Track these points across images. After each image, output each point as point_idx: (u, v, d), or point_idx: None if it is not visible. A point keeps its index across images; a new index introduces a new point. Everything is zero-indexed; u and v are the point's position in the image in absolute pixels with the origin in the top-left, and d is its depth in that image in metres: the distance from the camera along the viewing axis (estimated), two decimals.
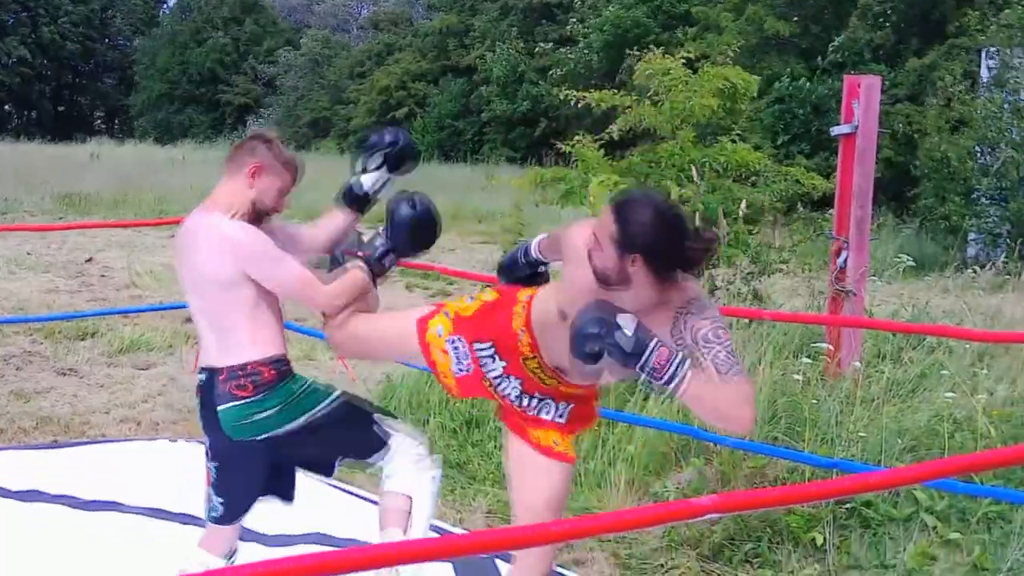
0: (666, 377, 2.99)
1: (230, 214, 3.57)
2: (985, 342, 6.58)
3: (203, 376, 3.64)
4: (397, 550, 1.75)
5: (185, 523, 5.39)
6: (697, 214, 7.88)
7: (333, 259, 3.87)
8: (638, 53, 10.08)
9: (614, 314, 3.02)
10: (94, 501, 5.65)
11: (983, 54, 19.03)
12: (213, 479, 3.75)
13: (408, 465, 3.67)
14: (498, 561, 4.90)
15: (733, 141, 9.23)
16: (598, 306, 3.06)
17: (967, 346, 6.88)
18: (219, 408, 3.55)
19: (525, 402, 3.54)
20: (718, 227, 7.86)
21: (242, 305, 3.51)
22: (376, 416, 3.73)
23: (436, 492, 3.73)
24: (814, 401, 5.95)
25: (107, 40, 62.27)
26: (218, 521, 3.82)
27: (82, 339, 9.58)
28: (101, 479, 5.97)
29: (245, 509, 3.81)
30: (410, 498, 3.66)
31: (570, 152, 9.47)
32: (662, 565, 5.03)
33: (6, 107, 58.90)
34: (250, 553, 4.90)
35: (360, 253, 3.70)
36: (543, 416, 3.54)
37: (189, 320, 10.20)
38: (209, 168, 24.28)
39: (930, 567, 4.83)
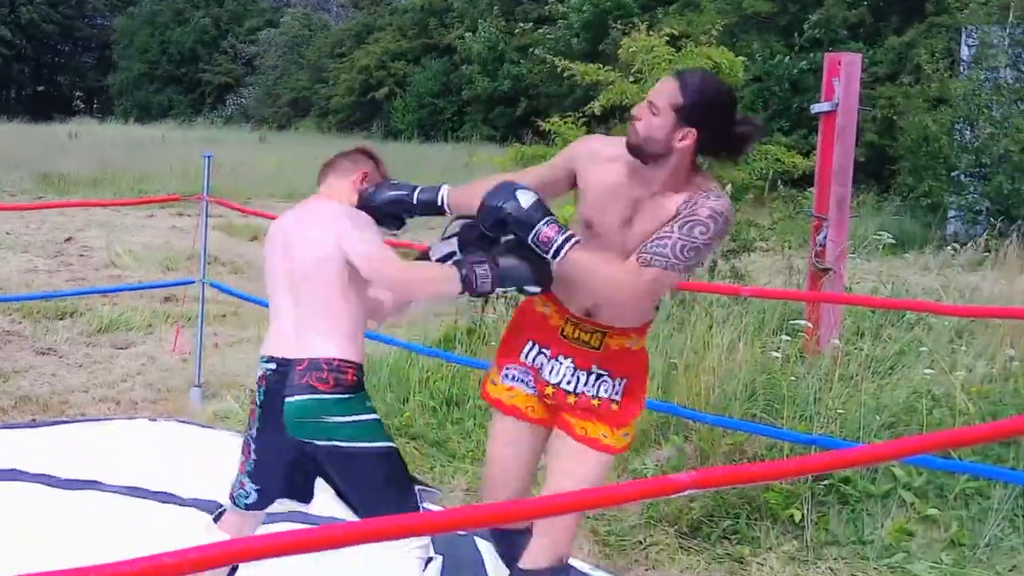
0: (551, 250, 3.16)
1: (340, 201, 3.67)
2: (964, 318, 6.60)
3: (272, 365, 3.54)
4: (376, 526, 1.74)
5: (164, 502, 5.41)
6: None
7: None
8: (621, 27, 10.07)
9: (515, 189, 3.20)
10: (73, 480, 5.62)
11: (963, 32, 19.07)
12: (250, 469, 3.67)
13: (412, 566, 3.56)
14: (477, 539, 4.91)
15: None
16: (504, 183, 3.25)
17: (946, 323, 6.91)
18: (289, 399, 3.46)
19: (582, 381, 3.44)
20: None
21: (347, 295, 3.47)
22: (415, 487, 3.62)
23: None
24: (793, 378, 5.96)
25: (86, 19, 61.92)
26: (248, 508, 3.75)
27: (61, 319, 9.54)
28: (80, 458, 5.95)
29: (274, 499, 3.74)
30: None
31: (551, 131, 9.46)
32: (640, 542, 5.05)
33: None
34: None
35: (459, 255, 3.48)
36: (602, 394, 3.43)
37: (167, 299, 10.29)
38: (189, 147, 24.31)
39: (908, 543, 4.86)
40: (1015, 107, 17.31)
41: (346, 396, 3.44)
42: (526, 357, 3.55)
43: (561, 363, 3.46)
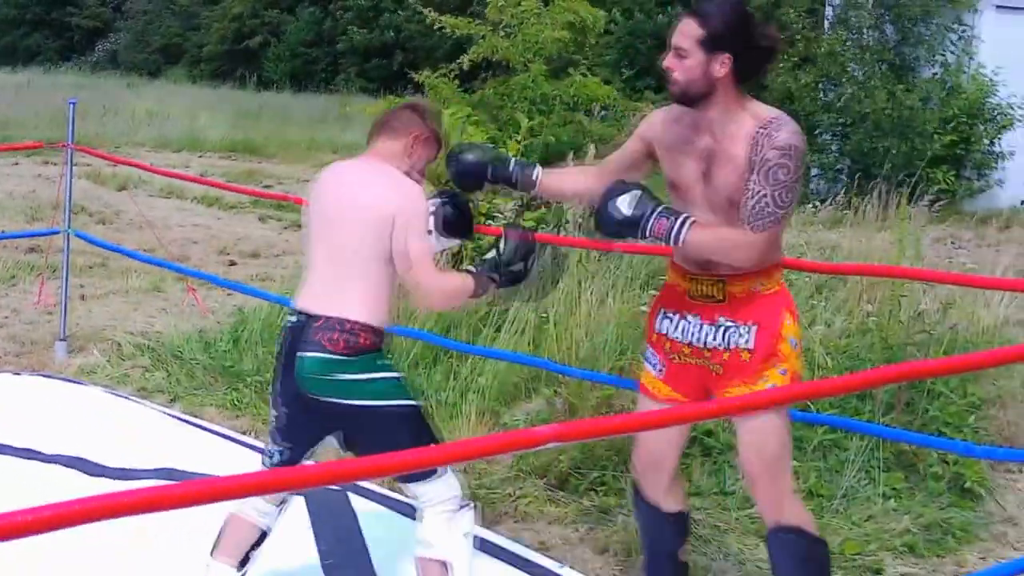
0: (671, 239, 3.23)
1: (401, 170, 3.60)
2: (823, 274, 6.77)
3: (295, 319, 3.55)
4: (241, 482, 1.73)
5: (27, 458, 5.30)
6: (547, 147, 7.94)
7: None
8: None
9: (615, 194, 3.25)
10: None
11: None
12: (280, 424, 3.63)
13: (441, 527, 3.54)
14: (350, 494, 4.93)
15: (583, 75, 9.30)
16: (608, 190, 3.30)
17: (807, 279, 7.08)
18: (301, 354, 3.45)
19: (712, 337, 3.44)
20: (566, 162, 7.92)
21: (380, 259, 3.45)
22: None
23: (470, 550, 3.60)
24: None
25: None
26: (274, 467, 3.68)
27: None
28: None
29: (301, 457, 3.68)
30: (446, 564, 3.53)
31: (423, 83, 9.43)
32: (510, 494, 5.11)
33: None
34: (96, 489, 4.85)
35: (475, 268, 3.61)
36: (731, 345, 3.40)
37: (32, 250, 10.03)
38: (56, 94, 23.55)
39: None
40: (877, 67, 17.70)
41: (362, 357, 3.44)
42: (659, 325, 3.58)
43: (690, 321, 3.47)
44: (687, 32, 3.24)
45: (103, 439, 5.58)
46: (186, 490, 1.68)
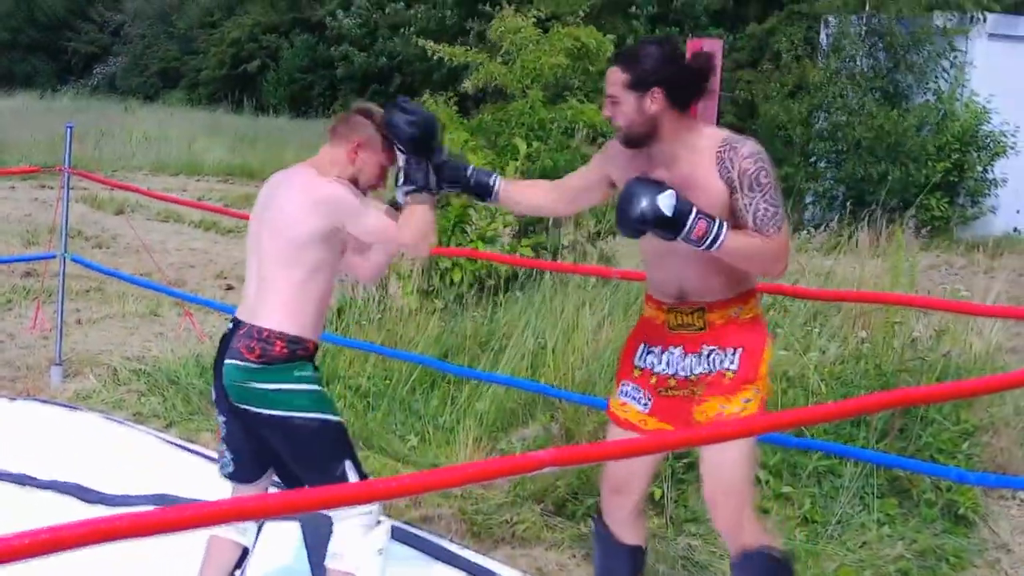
0: (705, 244, 3.22)
1: (328, 178, 3.57)
2: (817, 301, 6.79)
3: (231, 326, 3.60)
4: (237, 506, 1.75)
5: (22, 484, 5.30)
6: (545, 173, 7.97)
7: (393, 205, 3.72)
8: (490, 11, 10.14)
9: (653, 192, 3.21)
10: None
11: (823, 21, 19.51)
12: (223, 432, 3.67)
13: (354, 539, 3.53)
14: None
15: (580, 101, 9.35)
16: (641, 182, 3.27)
17: (802, 305, 7.10)
18: (225, 361, 3.49)
19: (698, 364, 3.46)
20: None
21: (300, 268, 3.47)
22: (349, 461, 3.56)
23: (383, 567, 3.58)
24: None
25: None
26: (230, 478, 3.71)
27: None
28: None
29: (257, 470, 3.69)
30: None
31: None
32: (507, 520, 5.11)
33: None
34: (91, 515, 4.85)
35: (411, 187, 3.57)
36: (716, 367, 3.43)
37: (28, 275, 10.05)
38: (53, 118, 23.58)
39: (763, 520, 5.00)
40: (869, 95, 17.79)
41: (272, 368, 3.44)
42: (639, 360, 3.58)
43: (673, 353, 3.49)
44: (614, 80, 3.34)
45: (99, 465, 5.58)
46: (180, 514, 1.70)
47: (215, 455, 5.85)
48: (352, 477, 3.52)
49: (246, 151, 23.72)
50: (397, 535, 4.77)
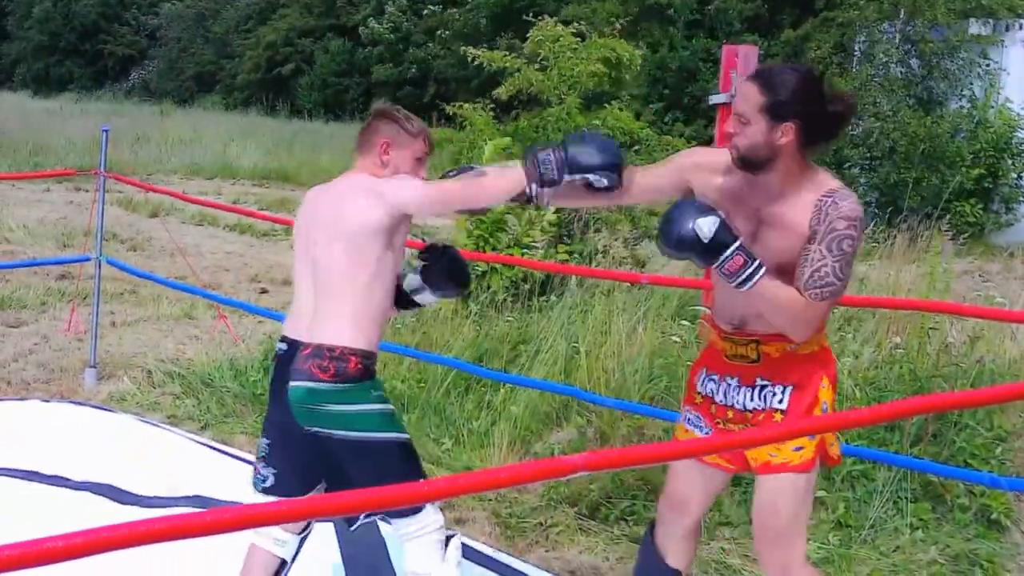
0: (738, 281, 3.09)
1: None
2: (853, 307, 6.77)
3: (284, 346, 3.52)
4: (273, 509, 1.76)
5: (58, 486, 5.32)
6: None
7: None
8: (530, 20, 10.18)
9: (695, 214, 3.09)
10: None
11: (858, 28, 19.47)
12: (265, 453, 3.61)
13: (433, 556, 3.49)
14: (380, 522, 4.93)
15: (620, 109, 9.38)
16: (688, 203, 3.17)
17: (836, 310, 7.08)
18: (291, 384, 3.41)
19: (750, 398, 3.33)
20: None
21: (365, 276, 3.42)
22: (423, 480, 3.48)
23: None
24: (690, 363, 6.07)
25: None
26: (267, 492, 3.61)
27: None
28: None
29: (301, 489, 3.60)
30: None
31: (455, 114, 9.51)
32: (541, 523, 5.12)
33: None
34: (126, 517, 4.88)
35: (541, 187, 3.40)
36: (774, 405, 3.28)
37: (63, 277, 10.12)
38: (88, 120, 23.79)
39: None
40: (904, 101, 17.74)
41: (346, 385, 3.38)
42: (701, 387, 3.46)
43: (729, 384, 3.36)
44: (749, 98, 3.13)
45: (132, 467, 5.60)
46: (215, 518, 1.71)
47: (251, 458, 5.91)
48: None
49: (281, 154, 23.82)
50: None
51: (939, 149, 16.85)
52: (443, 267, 3.68)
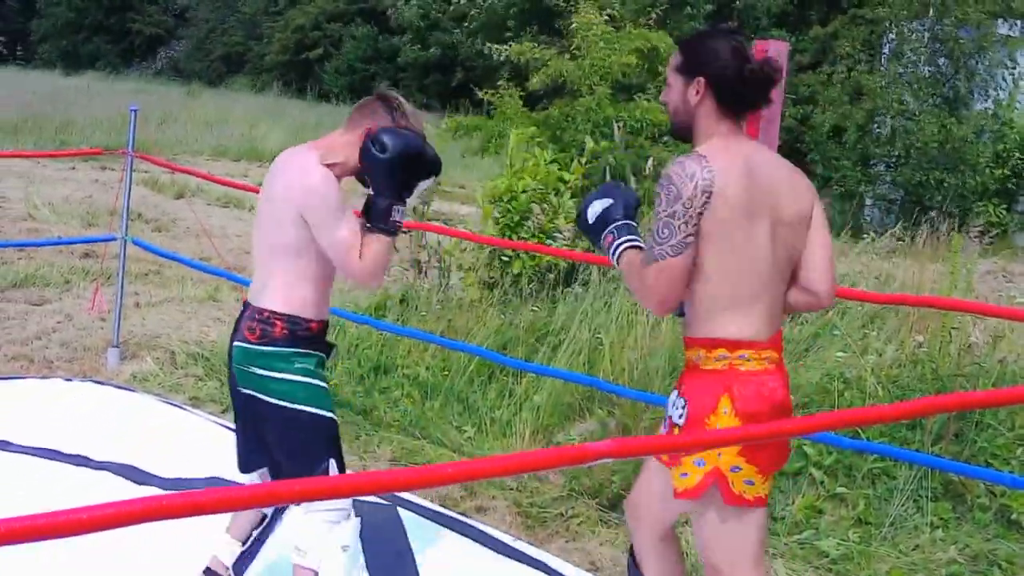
0: (611, 257, 3.14)
1: (326, 161, 3.47)
2: (877, 304, 6.75)
3: (242, 307, 3.61)
4: (288, 488, 1.76)
5: (78, 465, 5.34)
6: (608, 170, 7.98)
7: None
8: (563, 5, 10.17)
9: (598, 196, 3.19)
10: None
11: (886, 26, 19.40)
12: (235, 423, 3.73)
13: (319, 534, 3.50)
14: (400, 509, 4.95)
15: (648, 100, 9.36)
16: (608, 184, 3.25)
17: (860, 308, 7.06)
18: (232, 343, 3.52)
19: (672, 405, 3.12)
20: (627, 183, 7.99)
21: (295, 249, 3.43)
22: (334, 460, 3.53)
23: (347, 564, 3.54)
24: None
25: None
26: (241, 471, 3.76)
27: None
28: None
29: (255, 459, 3.69)
30: (317, 574, 3.54)
31: (485, 101, 9.52)
32: (562, 514, 5.13)
33: None
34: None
35: (369, 224, 3.42)
36: (674, 418, 3.06)
37: (87, 255, 10.16)
38: (115, 99, 23.84)
39: (817, 520, 4.99)
40: (930, 100, 17.68)
41: (271, 349, 3.43)
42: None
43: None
44: (671, 62, 3.17)
45: (154, 447, 5.61)
46: (234, 495, 1.72)
47: None
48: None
49: (307, 137, 23.47)
50: (453, 525, 4.81)
51: (963, 150, 16.81)
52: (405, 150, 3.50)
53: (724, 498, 2.98)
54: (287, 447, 3.51)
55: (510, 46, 9.90)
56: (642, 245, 3.10)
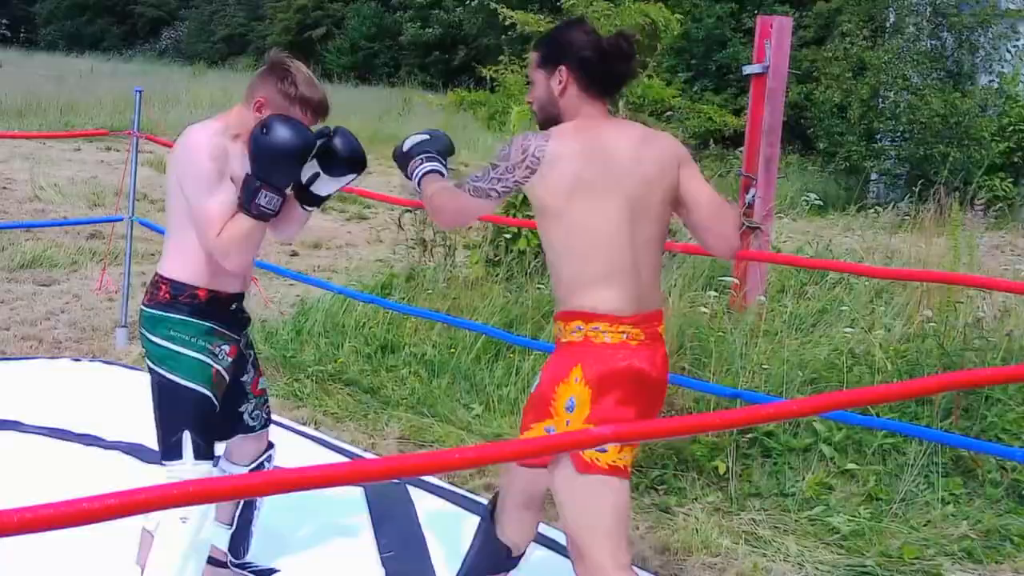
0: (412, 179, 3.38)
1: (229, 132, 3.45)
2: (883, 279, 6.74)
3: None
4: (303, 474, 1.75)
5: (87, 444, 5.36)
6: None
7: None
8: None
9: (423, 132, 3.44)
10: None
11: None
12: None
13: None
14: (409, 487, 4.96)
15: (649, 77, 9.33)
16: (424, 130, 3.48)
17: (867, 283, 7.05)
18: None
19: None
20: None
21: (182, 216, 3.42)
22: (189, 432, 3.47)
23: (189, 535, 3.43)
24: (720, 333, 6.06)
25: None
26: None
27: None
28: (1, 398, 5.88)
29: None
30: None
31: (487, 78, 9.50)
32: None
33: None
34: (156, 477, 4.89)
35: (238, 199, 3.39)
36: (532, 387, 3.18)
37: (93, 236, 10.16)
38: (119, 80, 23.80)
39: (827, 496, 4.99)
40: (934, 74, 17.63)
41: (154, 312, 3.46)
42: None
43: None
44: (531, 62, 3.25)
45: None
46: (265, 479, 1.72)
47: (280, 420, 5.94)
48: (186, 450, 3.47)
49: None
50: (461, 502, 4.81)
51: (967, 123, 16.77)
52: (335, 148, 3.54)
53: (575, 465, 2.98)
54: (154, 410, 3.54)
55: (515, 13, 9.84)
56: (443, 172, 3.35)
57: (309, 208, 3.67)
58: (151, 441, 5.32)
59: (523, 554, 3.55)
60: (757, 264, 6.77)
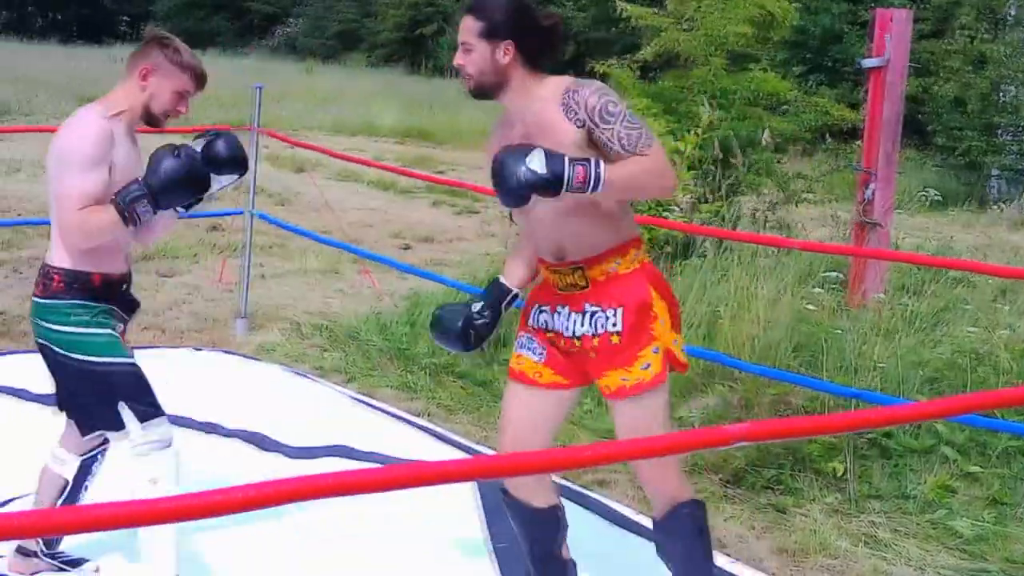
0: (591, 186, 3.11)
1: (110, 112, 3.52)
2: (1008, 278, 6.58)
3: None
4: (417, 471, 1.75)
5: (208, 432, 5.47)
6: (717, 143, 7.87)
7: None
8: None
9: (521, 152, 3.12)
10: None
11: None
12: None
13: (128, 464, 3.51)
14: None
15: (764, 70, 9.21)
16: (507, 151, 3.17)
17: (990, 281, 6.89)
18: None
19: (581, 324, 3.36)
20: (735, 157, 7.88)
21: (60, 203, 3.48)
22: (123, 403, 3.52)
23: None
24: (836, 331, 5.97)
25: None
26: None
27: None
28: None
29: (57, 397, 3.71)
30: (65, 487, 3.71)
31: (603, 74, 9.45)
32: None
33: (29, 8, 58.38)
34: (274, 465, 4.99)
35: (127, 196, 3.40)
36: (599, 329, 3.32)
37: (214, 229, 10.35)
38: (234, 76, 24.13)
39: (949, 499, 4.88)
40: None
41: (51, 303, 3.50)
42: (532, 320, 3.53)
43: (560, 312, 3.42)
44: (468, 27, 3.33)
45: (281, 416, 5.71)
46: (398, 473, 1.73)
47: (394, 410, 6.00)
48: (130, 421, 3.50)
49: (421, 113, 23.94)
50: (575, 497, 4.79)
51: None
52: (217, 150, 3.62)
53: (677, 368, 3.41)
54: (82, 397, 3.58)
55: (630, 7, 9.77)
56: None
57: (183, 212, 3.76)
58: (270, 430, 5.47)
59: (559, 506, 3.64)
60: (876, 260, 6.66)
